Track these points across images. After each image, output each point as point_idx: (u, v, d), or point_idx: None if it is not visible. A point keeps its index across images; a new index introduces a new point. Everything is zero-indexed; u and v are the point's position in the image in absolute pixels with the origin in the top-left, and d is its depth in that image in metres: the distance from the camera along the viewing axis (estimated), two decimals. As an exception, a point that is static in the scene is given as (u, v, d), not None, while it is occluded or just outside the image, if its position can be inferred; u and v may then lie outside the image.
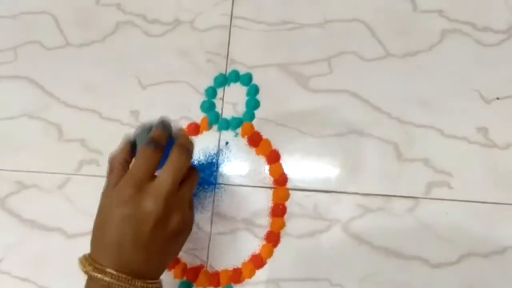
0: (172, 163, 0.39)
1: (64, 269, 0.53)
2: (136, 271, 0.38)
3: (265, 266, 0.50)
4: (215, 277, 0.51)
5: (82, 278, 0.52)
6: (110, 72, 0.58)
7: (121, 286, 0.37)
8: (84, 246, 0.53)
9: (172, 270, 0.52)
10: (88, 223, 0.53)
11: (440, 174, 0.50)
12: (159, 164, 0.39)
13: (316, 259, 0.49)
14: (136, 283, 0.37)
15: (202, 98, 0.56)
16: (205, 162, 0.53)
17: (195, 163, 0.53)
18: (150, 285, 0.38)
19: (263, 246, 0.51)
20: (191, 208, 0.42)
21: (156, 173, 0.40)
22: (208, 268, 0.51)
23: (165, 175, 0.38)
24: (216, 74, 0.56)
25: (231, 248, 0.51)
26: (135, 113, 0.56)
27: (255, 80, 0.55)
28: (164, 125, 0.40)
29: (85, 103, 0.58)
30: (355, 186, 0.51)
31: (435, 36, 0.53)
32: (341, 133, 0.52)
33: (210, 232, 0.52)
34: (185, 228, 0.41)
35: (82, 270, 0.38)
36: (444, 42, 0.53)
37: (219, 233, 0.52)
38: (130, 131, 0.55)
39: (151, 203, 0.37)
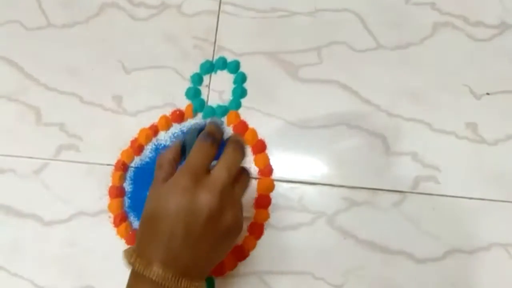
0: (227, 157, 0.38)
1: (38, 257, 0.51)
2: (183, 268, 0.36)
3: (248, 258, 0.49)
4: (195, 268, 0.49)
5: (56, 267, 0.50)
6: (93, 55, 0.56)
7: (168, 285, 0.35)
8: (61, 234, 0.51)
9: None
10: (65, 210, 0.52)
11: (428, 169, 0.49)
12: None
13: (300, 252, 0.48)
14: (183, 283, 0.35)
15: (187, 84, 0.54)
16: None
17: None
18: (194, 286, 0.36)
19: (246, 237, 0.49)
20: (242, 210, 0.40)
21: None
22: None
23: (221, 169, 0.37)
24: (202, 60, 0.55)
25: (213, 239, 0.50)
26: (117, 98, 0.55)
27: (243, 68, 0.54)
28: (218, 124, 0.40)
29: (65, 87, 0.56)
30: (342, 178, 0.50)
31: (426, 29, 0.53)
32: (329, 124, 0.51)
33: (192, 222, 0.50)
34: (236, 227, 0.39)
35: (128, 261, 0.36)
36: (435, 36, 0.53)
37: (201, 223, 0.50)
38: (112, 116, 0.54)
39: (206, 196, 0.36)
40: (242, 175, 0.40)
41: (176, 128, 0.53)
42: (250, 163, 0.51)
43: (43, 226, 0.52)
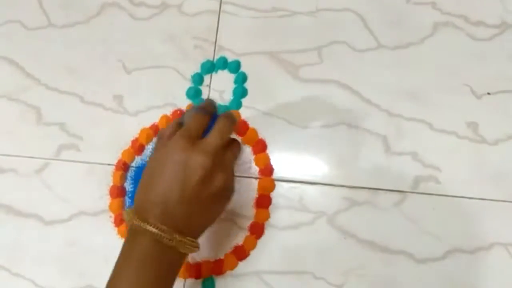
0: (219, 125, 0.41)
1: (39, 257, 0.51)
2: (177, 226, 0.39)
3: (248, 258, 0.49)
4: (196, 268, 0.49)
5: (57, 267, 0.51)
6: (93, 55, 0.56)
7: (163, 237, 0.38)
8: (62, 234, 0.51)
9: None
10: (65, 210, 0.52)
11: (428, 169, 0.49)
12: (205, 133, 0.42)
13: (300, 251, 0.48)
14: (177, 237, 0.38)
15: (188, 84, 0.54)
16: None
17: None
18: (188, 241, 0.39)
19: (247, 237, 0.49)
20: (233, 175, 0.43)
21: None
22: (189, 259, 0.50)
23: (214, 135, 0.41)
24: (203, 60, 0.55)
25: (214, 238, 0.50)
26: (118, 98, 0.55)
27: (244, 68, 0.54)
28: (211, 101, 0.44)
29: (66, 86, 0.56)
30: (342, 178, 0.50)
31: (427, 29, 0.53)
32: (329, 124, 0.51)
33: (193, 222, 0.50)
34: (228, 190, 0.42)
35: (126, 219, 0.40)
36: (436, 35, 0.53)
37: (201, 223, 0.50)
38: (113, 116, 0.54)
39: (201, 156, 0.39)
40: (234, 143, 0.44)
41: (176, 128, 0.53)
42: (250, 163, 0.51)
43: (44, 226, 0.52)
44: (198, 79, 0.54)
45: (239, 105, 0.53)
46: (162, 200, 0.39)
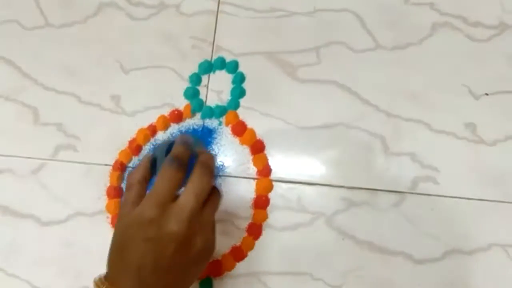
0: (194, 183, 0.37)
1: (36, 257, 0.51)
2: None
3: (246, 259, 0.49)
4: (194, 269, 0.49)
5: (53, 267, 0.50)
6: (91, 55, 0.56)
7: None
8: (59, 235, 0.51)
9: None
10: (62, 211, 0.52)
11: (427, 169, 0.49)
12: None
13: (298, 252, 0.48)
14: None
15: (186, 84, 0.54)
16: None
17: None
18: None
19: (244, 238, 0.49)
20: (213, 231, 0.39)
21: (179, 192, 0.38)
22: (187, 260, 0.50)
23: (188, 196, 0.36)
24: (201, 60, 0.54)
25: (212, 239, 0.50)
26: (116, 98, 0.54)
27: (242, 68, 0.54)
28: (185, 142, 0.39)
29: (63, 86, 0.55)
30: (340, 179, 0.49)
31: (425, 29, 0.53)
32: (327, 125, 0.51)
33: (190, 222, 0.50)
34: (207, 252, 0.39)
35: None
36: (434, 36, 0.53)
37: (199, 224, 0.50)
38: (110, 116, 0.54)
39: (174, 225, 0.35)
40: (212, 196, 0.39)
41: (174, 128, 0.53)
42: (248, 163, 0.51)
43: (40, 227, 0.52)
44: (196, 79, 0.54)
45: (237, 105, 0.53)
46: (137, 274, 0.35)
